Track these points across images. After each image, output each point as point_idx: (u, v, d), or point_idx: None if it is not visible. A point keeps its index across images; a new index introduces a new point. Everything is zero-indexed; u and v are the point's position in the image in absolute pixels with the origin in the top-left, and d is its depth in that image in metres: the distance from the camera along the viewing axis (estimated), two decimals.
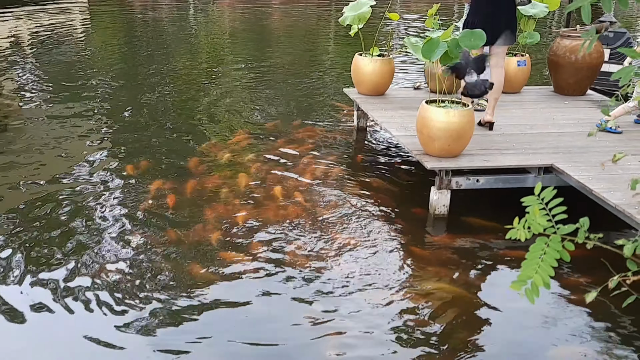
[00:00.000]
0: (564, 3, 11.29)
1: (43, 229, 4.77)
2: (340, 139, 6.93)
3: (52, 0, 17.35)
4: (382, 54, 6.97)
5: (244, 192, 5.49)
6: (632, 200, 4.23)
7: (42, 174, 5.82)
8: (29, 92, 8.49)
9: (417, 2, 19.04)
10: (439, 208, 5.13)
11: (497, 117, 6.03)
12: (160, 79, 9.34)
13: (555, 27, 13.87)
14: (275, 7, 18.07)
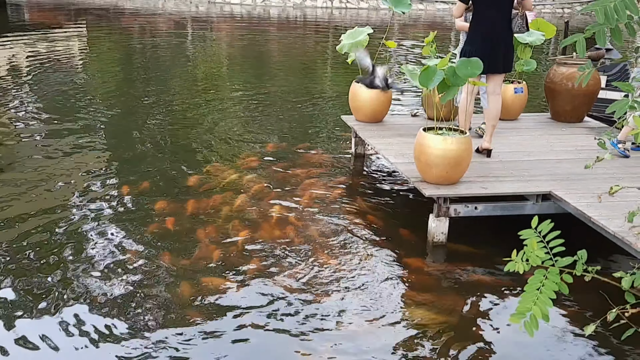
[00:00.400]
0: (560, 30, 11.37)
1: (38, 252, 4.73)
2: (338, 165, 6.93)
3: (51, 28, 17.47)
4: None
5: (239, 218, 5.47)
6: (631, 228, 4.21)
7: (39, 198, 5.79)
8: (25, 118, 8.49)
9: (414, 29, 19.19)
10: (437, 236, 5.10)
11: (495, 144, 6.03)
12: (158, 105, 9.36)
13: (552, 54, 13.98)
14: (272, 33, 18.20)
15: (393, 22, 19.61)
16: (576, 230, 4.85)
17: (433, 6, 24.04)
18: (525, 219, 4.98)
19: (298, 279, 4.52)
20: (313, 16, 21.85)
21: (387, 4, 6.73)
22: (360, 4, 23.87)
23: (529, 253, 1.88)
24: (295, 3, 23.78)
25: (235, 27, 19.28)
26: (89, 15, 21.00)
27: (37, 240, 4.99)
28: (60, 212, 5.54)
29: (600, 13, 1.83)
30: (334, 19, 21.40)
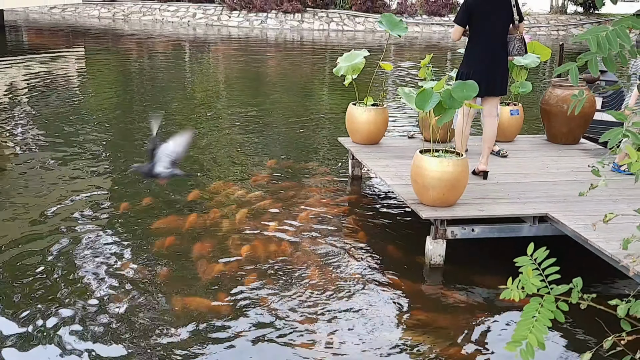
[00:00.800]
0: (555, 52, 11.44)
1: (36, 271, 4.71)
2: (335, 187, 6.93)
3: (49, 49, 17.54)
4: (376, 104, 7.03)
5: (234, 238, 5.47)
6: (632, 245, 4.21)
7: (36, 217, 5.78)
8: (24, 140, 8.49)
9: (410, 51, 19.30)
10: (434, 258, 5.09)
11: (491, 166, 6.05)
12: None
13: (548, 76, 14.06)
14: (269, 55, 18.28)
15: (389, 44, 19.74)
16: (574, 250, 4.85)
17: (429, 28, 24.20)
18: (523, 240, 4.99)
19: (293, 300, 4.51)
20: (310, 38, 21.97)
21: (383, 27, 6.78)
22: (357, 27, 24.01)
23: (524, 281, 1.88)
24: (292, 25, 23.92)
25: (232, 49, 19.37)
26: (87, 37, 21.09)
27: (35, 259, 4.98)
28: (59, 231, 5.52)
29: (592, 42, 1.84)
30: (330, 41, 21.52)
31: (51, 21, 24.84)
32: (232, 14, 24.82)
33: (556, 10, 26.26)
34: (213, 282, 4.75)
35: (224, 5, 25.23)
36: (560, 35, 23.95)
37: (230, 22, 24.46)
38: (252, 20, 24.29)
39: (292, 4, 24.43)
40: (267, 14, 24.55)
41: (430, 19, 24.79)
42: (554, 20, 25.38)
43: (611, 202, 5.28)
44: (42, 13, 26.55)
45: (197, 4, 25.83)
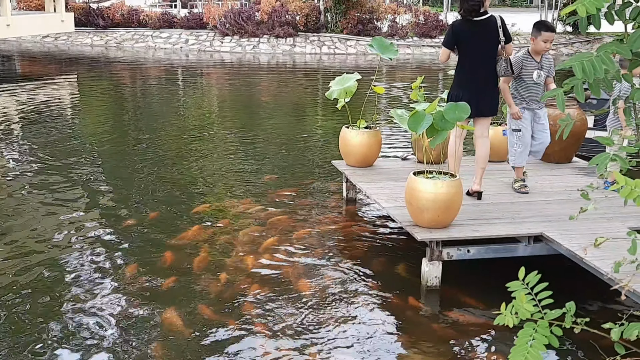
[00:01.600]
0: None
1: (30, 297, 4.68)
2: (329, 210, 6.93)
3: (42, 78, 17.57)
4: (369, 126, 7.05)
5: (227, 261, 5.44)
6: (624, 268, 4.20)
7: (30, 244, 5.75)
8: (19, 166, 8.48)
9: (402, 73, 19.42)
10: (430, 280, 5.08)
11: (485, 186, 6.06)
12: (149, 150, 9.37)
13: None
14: (262, 79, 18.37)
15: (381, 66, 19.86)
16: (570, 268, 4.85)
17: (420, 50, 24.38)
18: (519, 259, 4.98)
19: (286, 322, 4.49)
20: (302, 62, 22.10)
21: (374, 50, 6.82)
22: (349, 50, 24.17)
23: (517, 306, 1.87)
24: (284, 50, 24.07)
25: (225, 74, 19.46)
26: (80, 65, 21.16)
27: (35, 282, 4.95)
28: (56, 256, 5.49)
29: (578, 69, 1.86)
30: (323, 65, 21.64)
31: (44, 50, 24.93)
32: (225, 40, 24.96)
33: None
34: (206, 300, 4.72)
35: (216, 31, 25.38)
36: (551, 55, 24.16)
37: (222, 48, 24.59)
38: (244, 45, 24.44)
39: (284, 28, 24.60)
40: (259, 39, 24.69)
41: (421, 41, 24.99)
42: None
43: (605, 220, 5.29)
44: (35, 42, 26.66)
45: (189, 30, 25.98)
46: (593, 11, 1.85)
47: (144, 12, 27.42)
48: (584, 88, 2.07)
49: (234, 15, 25.09)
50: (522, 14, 31.90)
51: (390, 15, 25.77)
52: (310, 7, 25.70)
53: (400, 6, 27.36)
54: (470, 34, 5.68)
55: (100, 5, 28.58)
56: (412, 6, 29.97)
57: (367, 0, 26.52)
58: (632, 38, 1.97)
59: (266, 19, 24.86)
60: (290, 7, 25.20)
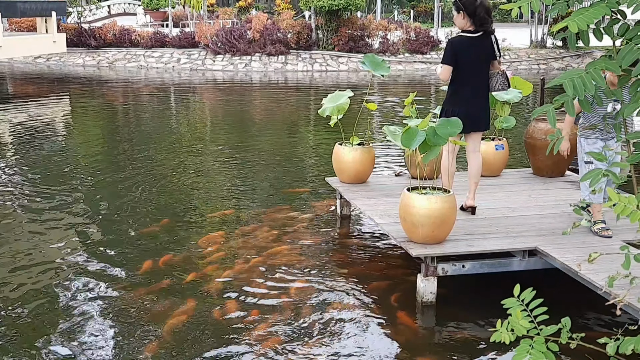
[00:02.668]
0: (536, 86, 11.58)
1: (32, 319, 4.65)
2: (323, 227, 6.93)
3: (34, 98, 17.56)
4: (362, 143, 7.07)
5: (222, 278, 5.43)
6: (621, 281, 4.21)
7: (22, 268, 5.73)
8: (11, 189, 8.45)
9: (394, 89, 19.49)
10: (426, 295, 5.08)
11: (479, 201, 6.07)
12: (142, 169, 9.36)
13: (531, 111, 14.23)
14: (254, 97, 18.41)
15: (373, 82, 19.94)
16: (565, 281, 4.85)
17: (412, 66, 24.49)
18: (514, 273, 4.99)
19: (280, 340, 4.47)
20: (294, 80, 22.16)
21: (366, 67, 6.85)
22: (340, 67, 24.26)
23: (513, 323, 1.87)
24: (276, 68, 24.13)
25: (218, 92, 19.50)
26: (72, 85, 21.17)
27: (34, 310, 4.92)
28: (43, 275, 5.47)
29: (568, 86, 1.88)
30: (315, 82, 21.71)
31: (36, 70, 24.93)
32: (217, 58, 25.01)
33: (536, 45, 26.67)
34: (198, 319, 4.70)
35: (208, 50, 25.44)
36: (541, 69, 24.29)
37: (214, 66, 24.64)
38: (236, 64, 24.50)
39: (276, 46, 24.68)
40: (251, 57, 24.76)
41: (413, 57, 25.11)
42: (534, 54, 25.78)
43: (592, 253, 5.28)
44: (27, 63, 26.64)
45: (181, 49, 26.03)
46: (584, 27, 1.87)
47: (136, 31, 27.46)
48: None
49: (225, 34, 25.17)
50: (512, 28, 32.12)
51: (381, 32, 25.88)
52: (301, 25, 25.82)
53: (391, 23, 27.47)
54: (468, 50, 5.67)
55: (92, 25, 28.62)
56: (403, 23, 30.11)
57: (358, 18, 26.68)
58: (621, 55, 1.99)
59: (258, 38, 24.95)
60: (282, 25, 25.31)
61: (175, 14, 32.01)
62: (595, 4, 1.88)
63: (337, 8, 24.64)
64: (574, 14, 1.86)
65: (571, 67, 24.82)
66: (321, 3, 24.40)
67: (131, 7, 39.03)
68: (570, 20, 1.84)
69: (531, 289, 2.02)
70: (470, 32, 5.65)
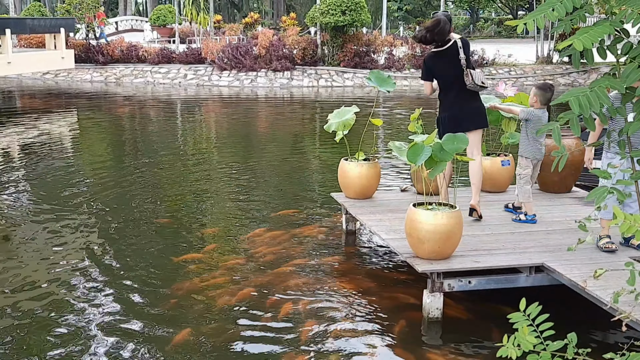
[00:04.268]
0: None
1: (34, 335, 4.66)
2: (329, 242, 6.93)
3: (42, 113, 17.67)
4: (367, 158, 7.09)
5: (228, 296, 5.43)
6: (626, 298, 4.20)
7: (29, 286, 5.74)
8: (16, 206, 8.49)
9: (400, 105, 19.53)
10: (432, 311, 5.07)
11: (485, 217, 6.08)
12: (149, 186, 9.40)
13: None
14: (260, 112, 18.48)
15: (379, 98, 19.99)
16: (571, 297, 4.84)
17: (417, 81, 24.56)
18: (521, 289, 4.98)
19: (288, 354, 4.46)
20: (300, 95, 22.25)
21: (372, 83, 6.89)
22: (346, 82, 24.35)
23: (520, 338, 1.87)
24: (282, 83, 24.24)
25: (224, 108, 19.59)
26: (80, 100, 21.32)
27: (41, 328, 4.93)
28: (50, 291, 5.48)
29: (574, 104, 1.89)
30: (320, 97, 21.80)
31: (44, 86, 25.11)
32: (223, 74, 25.15)
33: (542, 60, 26.73)
34: (205, 333, 4.70)
35: (214, 66, 25.59)
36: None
37: (220, 82, 24.77)
38: (242, 80, 24.62)
39: (281, 62, 24.81)
40: (256, 73, 24.89)
41: (418, 72, 25.16)
42: (540, 70, 25.82)
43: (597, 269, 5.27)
44: (36, 79, 26.85)
45: (187, 65, 26.19)
46: (589, 46, 1.89)
47: (143, 48, 27.66)
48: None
49: (232, 50, 25.33)
50: (518, 44, 32.20)
51: (386, 47, 26.01)
52: (307, 41, 25.96)
53: (396, 39, 27.62)
54: (438, 63, 6.16)
55: (99, 42, 28.84)
56: (409, 38, 30.26)
57: (364, 34, 26.80)
58: (625, 73, 2.01)
59: (264, 54, 25.10)
60: (288, 42, 25.46)
61: (182, 31, 32.26)
62: (599, 23, 1.90)
63: (343, 24, 24.79)
64: (579, 33, 1.88)
65: (577, 82, 24.85)
66: (327, 19, 24.54)
67: (138, 23, 39.36)
68: (575, 38, 1.85)
69: (537, 303, 2.02)
70: (435, 47, 6.13)
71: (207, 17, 29.02)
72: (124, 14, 46.59)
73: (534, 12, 1.94)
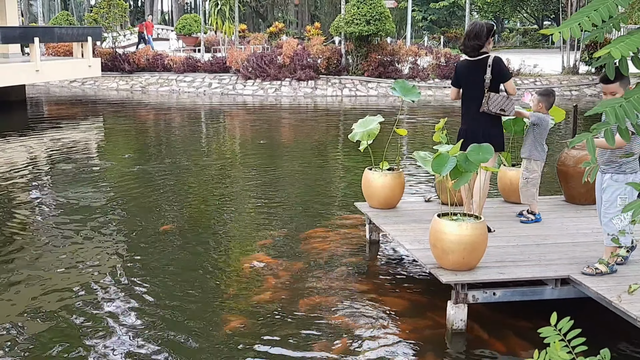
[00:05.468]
0: (569, 113, 11.47)
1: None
2: (352, 252, 6.90)
3: (68, 120, 17.90)
4: (392, 168, 7.06)
5: (246, 302, 5.43)
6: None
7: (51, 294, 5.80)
8: (39, 214, 8.59)
9: (424, 115, 19.49)
10: (456, 323, 5.02)
11: (510, 228, 6.02)
12: (174, 192, 9.45)
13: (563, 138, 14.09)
14: (284, 121, 18.55)
15: (403, 108, 19.95)
16: (598, 310, 4.76)
17: (441, 91, 24.49)
18: (546, 300, 4.91)
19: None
20: (323, 104, 22.29)
21: (396, 93, 6.87)
22: (370, 92, 24.35)
23: (552, 354, 1.84)
24: (306, 92, 24.31)
25: (248, 116, 19.69)
26: (105, 107, 21.57)
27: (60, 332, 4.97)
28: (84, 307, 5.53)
29: (611, 114, 1.86)
30: (344, 106, 21.81)
31: (71, 94, 25.44)
32: (247, 83, 25.29)
33: (568, 71, 26.52)
34: (227, 338, 4.70)
35: (238, 75, 25.75)
36: (574, 96, 24.10)
37: (245, 91, 24.91)
38: (266, 89, 24.73)
39: (306, 71, 24.89)
40: (281, 82, 25.00)
41: (443, 82, 25.11)
42: (567, 80, 25.61)
43: (634, 263, 5.21)
44: (62, 87, 27.24)
45: (212, 74, 26.39)
46: (626, 54, 1.86)
47: (169, 56, 27.94)
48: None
49: (256, 59, 25.48)
50: (543, 54, 32.01)
51: (411, 57, 25.98)
52: (331, 50, 26.03)
53: (421, 48, 27.59)
54: (465, 72, 6.14)
55: (126, 50, 29.18)
56: (433, 48, 30.22)
57: (388, 43, 26.80)
58: None
59: (288, 63, 25.20)
60: (312, 51, 25.54)
61: (207, 40, 32.54)
62: (635, 32, 1.88)
63: (367, 34, 24.81)
64: (615, 41, 1.85)
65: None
66: (351, 29, 24.59)
67: (164, 32, 39.78)
68: (613, 47, 1.82)
69: (569, 318, 1.98)
70: (469, 56, 6.12)
71: (232, 27, 29.24)
72: None
73: (569, 20, 1.91)
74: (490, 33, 6.06)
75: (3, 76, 17.68)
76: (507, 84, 6.03)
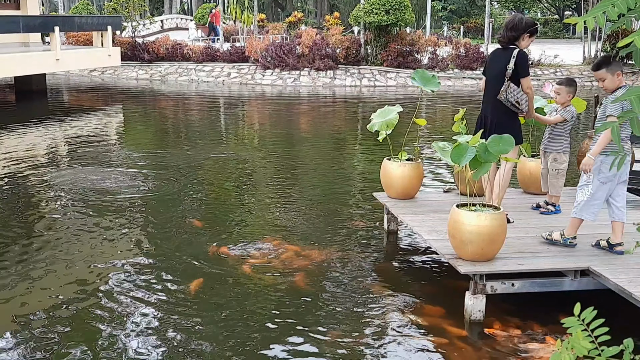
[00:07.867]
0: (590, 103, 11.36)
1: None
2: (370, 242, 6.91)
3: (88, 110, 18.04)
4: (410, 158, 7.04)
5: (262, 291, 5.45)
6: None
7: (70, 281, 5.87)
8: (60, 201, 8.67)
9: (443, 105, 19.40)
10: (474, 313, 5.02)
11: (530, 219, 5.99)
12: (195, 181, 9.50)
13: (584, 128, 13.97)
14: (303, 111, 18.54)
15: (422, 98, 19.86)
16: (619, 302, 4.74)
17: (461, 82, 24.34)
18: (564, 292, 4.89)
19: (327, 354, 4.45)
20: (342, 94, 22.25)
21: (416, 83, 6.84)
22: (389, 82, 24.26)
23: (574, 343, 1.83)
24: (324, 82, 24.26)
25: (266, 106, 19.71)
26: (125, 97, 21.69)
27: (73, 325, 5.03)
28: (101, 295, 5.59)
29: (635, 102, 1.84)
30: (363, 97, 21.76)
31: (91, 83, 25.61)
32: (266, 73, 25.29)
33: (589, 62, 26.20)
34: (245, 332, 4.74)
35: (257, 65, 25.75)
36: (594, 86, 23.84)
37: (264, 81, 24.92)
38: (285, 78, 24.72)
39: (324, 61, 24.83)
40: (299, 72, 24.97)
41: (462, 73, 24.95)
42: (587, 71, 25.32)
43: None
44: (82, 76, 27.42)
45: (231, 64, 26.41)
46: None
47: (188, 46, 27.98)
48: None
49: (275, 49, 25.45)
50: (564, 45, 31.68)
51: (430, 47, 25.81)
52: (350, 40, 25.94)
53: (440, 38, 27.40)
54: (491, 60, 6.15)
55: (145, 39, 29.28)
56: (453, 38, 30.01)
57: (407, 33, 26.65)
58: None
59: (307, 53, 25.15)
60: (331, 41, 25.47)
61: (226, 29, 32.54)
62: None
63: (387, 24, 24.70)
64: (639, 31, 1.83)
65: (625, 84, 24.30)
66: (370, 19, 24.49)
67: (183, 22, 39.83)
68: (637, 35, 1.81)
69: (592, 308, 1.98)
70: (500, 46, 6.09)
71: (251, 16, 29.23)
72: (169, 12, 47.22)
73: (594, 9, 1.89)
74: (529, 28, 5.92)
75: (24, 65, 17.83)
76: (524, 80, 5.92)
